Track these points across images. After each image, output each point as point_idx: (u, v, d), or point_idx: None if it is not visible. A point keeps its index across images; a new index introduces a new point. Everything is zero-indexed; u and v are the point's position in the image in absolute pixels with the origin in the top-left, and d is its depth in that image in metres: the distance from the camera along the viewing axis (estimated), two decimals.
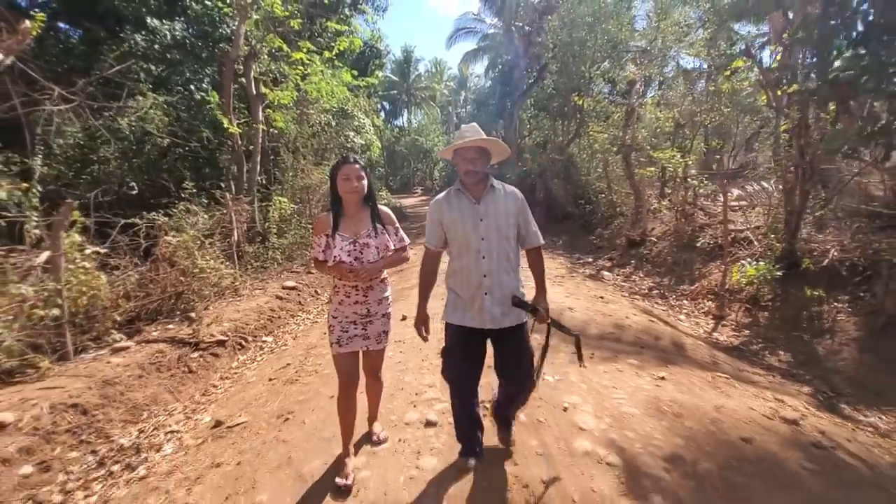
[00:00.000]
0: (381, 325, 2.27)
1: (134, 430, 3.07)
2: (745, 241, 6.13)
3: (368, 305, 2.23)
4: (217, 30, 9.64)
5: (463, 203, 2.07)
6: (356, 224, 2.18)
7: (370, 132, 14.37)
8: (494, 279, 2.02)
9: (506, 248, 2.05)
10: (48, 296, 3.69)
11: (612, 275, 7.76)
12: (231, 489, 2.27)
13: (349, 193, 2.11)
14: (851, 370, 3.69)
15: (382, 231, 2.21)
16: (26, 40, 4.85)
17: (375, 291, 2.24)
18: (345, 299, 2.21)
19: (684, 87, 9.67)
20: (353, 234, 2.15)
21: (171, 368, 3.78)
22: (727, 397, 2.93)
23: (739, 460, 2.21)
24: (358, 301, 2.21)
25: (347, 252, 2.11)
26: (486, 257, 2.02)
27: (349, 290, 2.20)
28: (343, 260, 2.10)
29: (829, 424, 2.79)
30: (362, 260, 2.14)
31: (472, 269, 2.04)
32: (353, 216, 2.19)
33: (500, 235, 2.03)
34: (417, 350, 3.97)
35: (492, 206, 2.04)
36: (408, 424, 2.71)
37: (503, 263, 2.04)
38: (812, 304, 4.39)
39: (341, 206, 2.17)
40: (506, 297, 2.03)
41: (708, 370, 3.46)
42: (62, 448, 2.75)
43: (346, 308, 2.22)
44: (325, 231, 2.16)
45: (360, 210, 2.20)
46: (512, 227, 2.06)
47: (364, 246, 2.15)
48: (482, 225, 2.02)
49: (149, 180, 8.53)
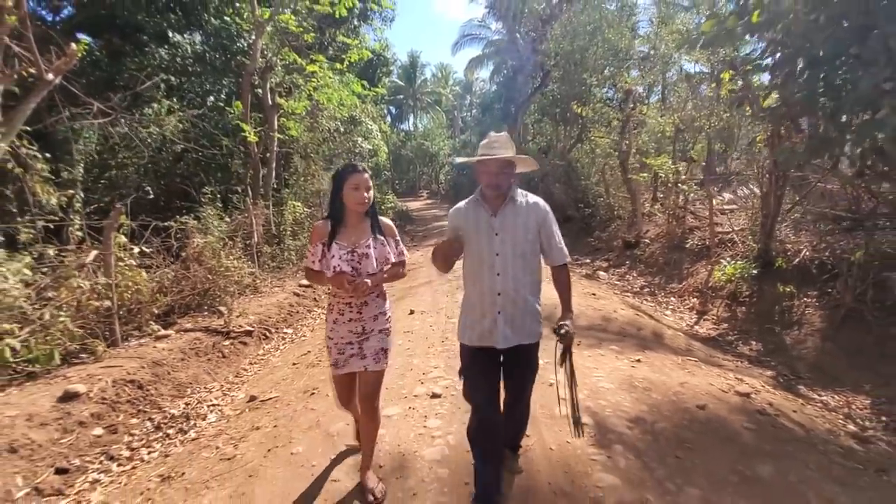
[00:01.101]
0: (377, 341, 2.12)
1: (181, 403, 3.58)
2: (730, 242, 6.54)
3: (363, 323, 2.09)
4: (234, 43, 10.21)
5: (480, 215, 1.98)
6: (356, 234, 2.06)
7: (377, 137, 14.91)
8: (510, 298, 1.91)
9: (522, 265, 1.93)
10: (101, 289, 4.21)
11: (608, 274, 8.20)
12: (271, 444, 2.75)
13: (358, 205, 2.00)
14: (813, 357, 4.11)
15: (383, 242, 2.10)
16: (72, 61, 5.40)
17: (371, 307, 2.11)
18: (339, 318, 2.09)
19: (684, 92, 10.03)
20: (352, 243, 2.03)
21: (207, 353, 4.29)
22: (692, 376, 3.39)
23: (691, 421, 2.66)
24: (352, 319, 2.08)
25: (347, 262, 1.99)
26: (500, 274, 1.91)
27: (343, 307, 2.08)
28: (343, 270, 1.98)
29: (781, 399, 3.23)
30: (360, 271, 2.02)
31: (484, 285, 1.94)
32: (353, 226, 2.07)
33: (515, 252, 1.92)
34: (424, 339, 4.46)
35: (509, 220, 1.94)
36: (416, 396, 3.19)
37: (519, 282, 1.92)
38: (784, 299, 4.81)
39: (343, 215, 2.05)
40: (519, 317, 1.93)
41: (681, 355, 3.91)
42: (124, 415, 3.26)
43: (340, 328, 2.10)
44: (323, 239, 2.04)
45: (362, 220, 2.09)
46: (531, 243, 1.95)
47: (363, 256, 2.02)
48: (497, 240, 1.92)
49: (164, 185, 9.10)
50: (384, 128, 18.42)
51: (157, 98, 8.40)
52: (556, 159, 15.10)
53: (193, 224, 5.99)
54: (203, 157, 8.98)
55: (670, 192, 8.23)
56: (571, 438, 2.51)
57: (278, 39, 9.52)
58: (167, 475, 2.63)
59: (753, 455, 2.36)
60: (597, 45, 13.29)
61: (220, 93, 10.61)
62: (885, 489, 2.20)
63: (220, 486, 2.40)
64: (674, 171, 7.64)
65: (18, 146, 5.01)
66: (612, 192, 10.83)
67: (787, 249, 5.18)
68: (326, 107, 10.82)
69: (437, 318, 5.14)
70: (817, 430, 2.82)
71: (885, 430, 3.03)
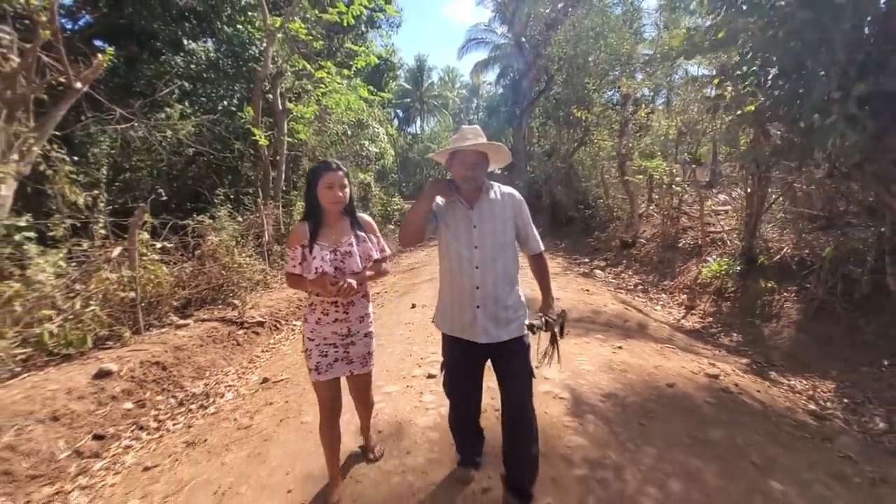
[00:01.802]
0: (363, 345, 2.08)
1: (201, 384, 3.93)
2: (721, 241, 6.80)
3: (349, 324, 2.03)
4: (246, 50, 10.64)
5: (456, 209, 1.94)
6: (336, 232, 2.00)
7: (384, 141, 15.29)
8: (488, 291, 1.87)
9: (501, 256, 1.90)
10: (126, 281, 4.58)
11: (605, 273, 8.48)
12: (283, 416, 3.09)
13: (333, 203, 1.94)
14: (787, 346, 4.38)
15: (365, 239, 2.04)
16: (98, 71, 5.80)
17: (357, 307, 2.05)
18: (322, 317, 2.01)
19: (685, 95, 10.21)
20: (333, 242, 1.97)
21: (223, 341, 4.64)
22: (667, 360, 3.67)
23: (659, 397, 2.96)
24: (338, 319, 2.01)
25: (329, 262, 1.93)
26: (479, 267, 1.87)
27: (327, 306, 2.00)
28: (326, 271, 1.90)
29: (748, 381, 3.51)
30: (344, 270, 1.96)
31: (463, 279, 1.89)
32: (332, 225, 2.01)
33: (494, 243, 1.89)
34: (423, 329, 4.77)
35: (487, 212, 1.91)
36: (414, 377, 3.51)
37: (499, 274, 1.89)
38: (765, 294, 5.07)
39: (320, 216, 1.99)
40: (500, 310, 1.89)
41: (661, 343, 4.20)
42: (151, 392, 3.61)
43: (323, 328, 2.01)
44: (302, 242, 1.96)
45: (340, 218, 2.03)
46: (509, 233, 1.93)
47: (346, 255, 1.97)
48: (475, 232, 1.89)
49: (175, 187, 9.50)
50: (391, 131, 18.82)
51: (172, 103, 8.78)
52: (559, 162, 15.37)
53: (209, 223, 6.37)
54: (215, 159, 9.38)
55: (665, 194, 8.49)
56: (548, 409, 2.82)
57: (288, 47, 9.95)
58: (191, 441, 2.97)
59: (709, 423, 2.65)
60: (599, 50, 13.56)
61: (232, 98, 11.03)
62: (824, 452, 2.48)
63: (238, 449, 2.74)
64: (668, 174, 7.91)
65: (49, 150, 5.43)
66: (612, 194, 11.10)
67: (770, 247, 5.44)
68: (334, 111, 11.21)
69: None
70: (776, 406, 3.10)
71: (843, 410, 3.29)
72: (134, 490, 2.50)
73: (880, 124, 3.13)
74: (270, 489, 2.26)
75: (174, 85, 8.87)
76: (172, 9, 9.96)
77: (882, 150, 3.18)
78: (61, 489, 2.57)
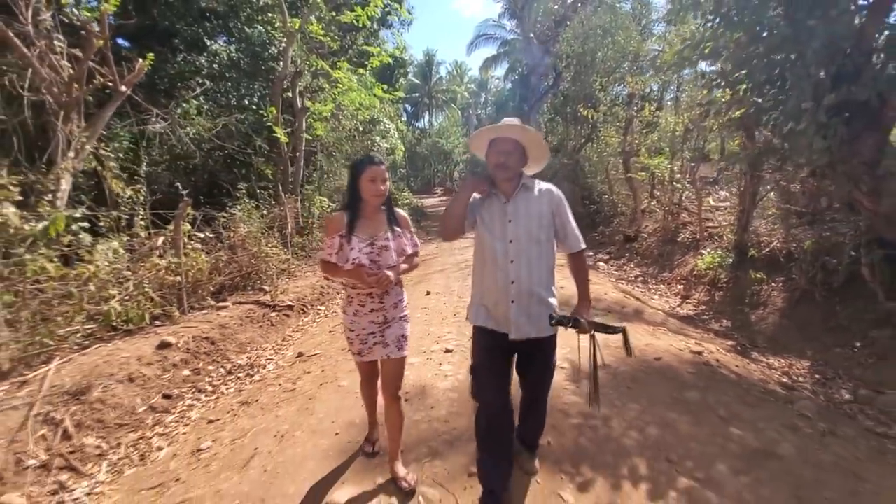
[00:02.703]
0: (398, 328, 2.15)
1: (244, 357, 4.45)
2: (718, 235, 7.20)
3: (385, 312, 2.11)
4: (266, 50, 11.12)
5: (493, 202, 1.96)
6: (373, 226, 2.07)
7: (395, 136, 15.76)
8: (523, 286, 1.88)
9: (537, 252, 1.89)
10: (174, 267, 5.11)
11: (608, 265, 8.90)
12: (322, 381, 3.59)
13: (375, 196, 2.02)
14: (771, 331, 4.80)
15: (400, 234, 2.13)
16: (140, 75, 6.30)
17: (391, 296, 2.14)
18: (360, 309, 2.10)
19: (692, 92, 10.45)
20: (371, 235, 2.04)
21: (259, 322, 5.16)
22: (658, 340, 4.12)
23: (647, 368, 3.42)
24: (374, 309, 2.10)
25: (366, 254, 2.00)
26: (513, 261, 1.88)
27: (364, 298, 2.09)
28: (363, 263, 1.98)
29: (729, 358, 3.96)
30: (380, 263, 2.03)
31: (498, 273, 1.90)
32: (370, 217, 2.08)
33: (529, 239, 1.88)
34: (438, 313, 5.26)
35: (522, 207, 1.91)
36: (433, 351, 4.00)
37: (534, 270, 1.89)
38: (754, 284, 5.48)
39: (360, 208, 2.06)
40: (534, 306, 1.89)
41: (654, 326, 4.65)
42: (203, 362, 4.14)
43: (362, 319, 2.11)
44: (340, 231, 2.03)
45: (378, 212, 2.10)
46: (545, 230, 1.92)
47: (382, 248, 2.04)
48: (510, 227, 1.89)
49: (192, 181, 9.98)
50: (401, 126, 19.29)
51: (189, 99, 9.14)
52: (566, 158, 15.72)
53: (238, 215, 6.90)
54: (231, 155, 9.84)
55: (666, 190, 8.88)
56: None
57: (306, 47, 10.42)
58: (245, 401, 3.49)
59: (687, 387, 3.11)
60: (607, 48, 13.82)
61: (252, 96, 11.54)
62: (784, 411, 2.93)
63: (287, 406, 3.25)
64: (669, 171, 8.29)
65: (97, 147, 5.97)
66: (616, 190, 11.48)
67: (761, 241, 5.84)
68: (348, 108, 11.68)
69: (449, 298, 5.95)
70: (750, 378, 3.55)
71: (813, 384, 3.72)
72: (204, 436, 3.02)
73: (852, 130, 3.54)
74: (321, 433, 2.76)
75: (197, 83, 9.37)
76: (194, 9, 10.44)
77: (853, 153, 3.59)
78: (143, 435, 3.10)
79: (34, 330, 3.57)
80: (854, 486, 2.10)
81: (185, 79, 9.07)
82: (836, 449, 2.45)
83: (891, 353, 3.68)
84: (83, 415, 3.00)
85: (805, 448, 2.40)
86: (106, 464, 2.80)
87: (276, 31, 10.57)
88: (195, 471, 2.58)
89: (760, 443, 2.44)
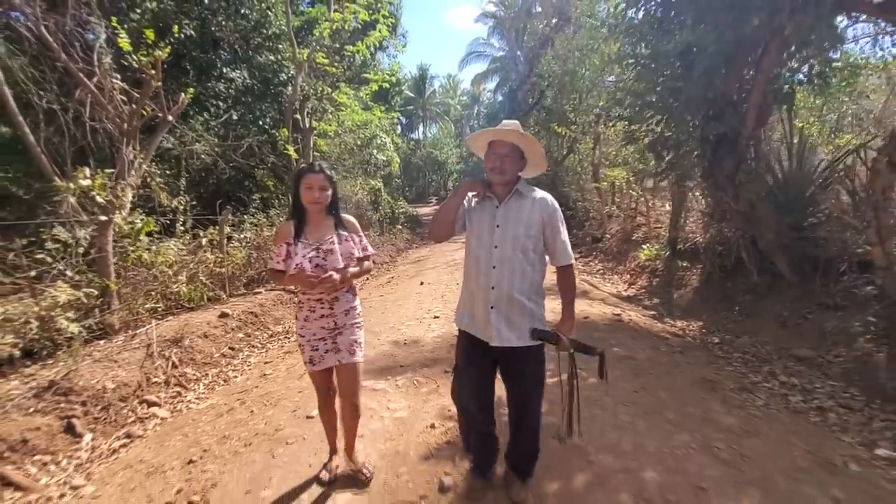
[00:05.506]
0: (350, 334, 2.15)
1: (279, 328, 5.81)
2: (663, 233, 8.65)
3: (335, 318, 2.12)
4: (277, 76, 12.57)
5: (486, 204, 1.96)
6: (319, 231, 2.10)
7: (391, 149, 17.23)
8: (503, 292, 1.85)
9: (522, 261, 1.86)
10: (220, 261, 6.47)
11: (577, 263, 10.35)
12: None
13: (311, 203, 2.04)
14: (685, 304, 6.22)
15: (347, 238, 2.14)
16: (182, 107, 7.69)
17: (342, 302, 2.14)
18: (310, 315, 2.12)
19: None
20: (317, 240, 2.07)
21: (288, 304, 6.52)
22: (592, 308, 5.54)
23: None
24: (324, 315, 2.11)
25: (310, 259, 2.02)
26: (496, 267, 1.86)
27: (314, 303, 2.11)
28: (304, 267, 1.99)
29: (643, 319, 5.36)
30: (326, 267, 2.04)
31: (480, 277, 1.89)
32: (316, 223, 2.12)
33: (515, 246, 1.85)
34: (429, 296, 6.65)
35: (512, 214, 1.89)
36: (424, 318, 5.38)
37: (517, 278, 1.85)
38: (679, 271, 6.91)
39: (304, 215, 2.10)
40: (515, 314, 1.86)
41: (595, 300, 6.05)
42: (251, 329, 5.49)
43: (311, 325, 2.12)
44: (287, 240, 2.08)
45: (325, 218, 2.14)
46: (533, 239, 1.87)
47: (328, 252, 2.06)
48: (497, 231, 1.88)
49: (200, 192, 11.20)
50: (396, 139, 20.78)
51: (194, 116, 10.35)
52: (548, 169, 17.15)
53: (263, 221, 8.29)
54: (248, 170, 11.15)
55: (624, 197, 10.36)
56: None
57: (313, 74, 11.88)
58: (288, 350, 4.85)
59: (598, 331, 4.51)
60: (585, 69, 15.34)
61: (265, 117, 12.96)
62: (659, 343, 4.32)
63: None
64: (626, 180, 9.77)
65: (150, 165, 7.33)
66: (588, 198, 12.96)
67: (687, 237, 7.30)
68: (349, 126, 13.13)
69: (438, 287, 7.35)
70: (650, 329, 4.96)
71: (697, 335, 5.12)
72: (266, 368, 4.38)
73: (718, 154, 5.00)
74: None
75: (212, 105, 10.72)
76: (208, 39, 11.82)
77: (719, 169, 5.04)
78: (221, 370, 4.46)
79: (134, 302, 4.92)
80: (672, 369, 3.51)
81: (200, 101, 10.41)
82: (677, 358, 3.87)
83: (753, 313, 5.09)
84: (182, 354, 4.36)
85: (654, 357, 3.82)
86: (202, 385, 4.15)
87: (286, 59, 12.03)
88: (267, 382, 3.94)
89: (626, 352, 3.85)
